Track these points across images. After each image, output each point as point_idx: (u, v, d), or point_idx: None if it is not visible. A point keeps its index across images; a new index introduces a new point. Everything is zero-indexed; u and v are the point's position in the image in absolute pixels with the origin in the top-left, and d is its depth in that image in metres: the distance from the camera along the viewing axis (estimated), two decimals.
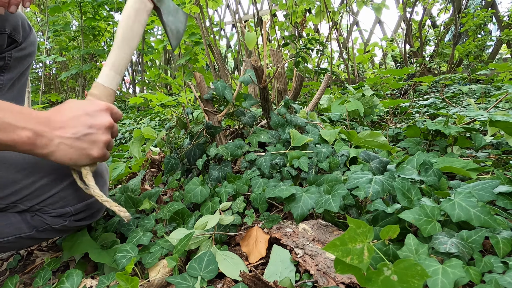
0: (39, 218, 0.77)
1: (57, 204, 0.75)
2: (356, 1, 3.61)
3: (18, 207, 0.74)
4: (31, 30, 0.98)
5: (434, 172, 0.87)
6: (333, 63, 4.32)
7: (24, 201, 0.73)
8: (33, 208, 0.74)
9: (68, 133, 0.60)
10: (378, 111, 1.94)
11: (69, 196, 0.76)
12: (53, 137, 0.59)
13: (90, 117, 0.63)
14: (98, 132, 0.64)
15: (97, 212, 0.85)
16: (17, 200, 0.72)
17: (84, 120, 0.62)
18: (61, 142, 0.60)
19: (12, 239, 0.76)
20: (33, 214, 0.76)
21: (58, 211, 0.76)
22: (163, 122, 3.05)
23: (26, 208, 0.74)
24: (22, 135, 0.55)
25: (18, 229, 0.76)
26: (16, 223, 0.75)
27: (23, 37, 0.94)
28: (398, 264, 0.43)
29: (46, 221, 0.77)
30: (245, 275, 0.63)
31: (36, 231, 0.78)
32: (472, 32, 3.72)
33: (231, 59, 5.81)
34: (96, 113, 0.64)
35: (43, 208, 0.75)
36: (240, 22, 4.36)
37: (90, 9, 4.57)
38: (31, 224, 0.77)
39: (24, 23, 0.94)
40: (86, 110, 0.63)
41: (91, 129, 0.63)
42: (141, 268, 0.80)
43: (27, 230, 0.77)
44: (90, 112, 0.64)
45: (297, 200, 0.81)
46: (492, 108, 1.66)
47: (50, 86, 6.82)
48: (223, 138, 1.19)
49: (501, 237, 0.61)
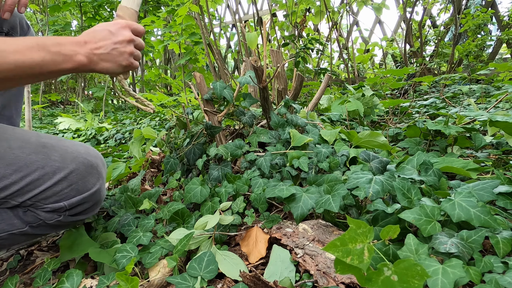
0: (32, 213, 0.75)
1: (50, 199, 0.74)
2: (356, 1, 3.61)
3: (9, 203, 0.72)
4: (29, 29, 0.98)
5: (434, 172, 0.87)
6: (333, 63, 4.32)
7: (14, 197, 0.71)
8: (25, 203, 0.73)
9: (100, 51, 0.72)
10: (378, 111, 1.95)
11: (62, 190, 0.74)
12: (93, 55, 0.71)
13: (113, 35, 0.75)
14: (121, 46, 0.75)
15: (94, 206, 0.83)
16: (7, 196, 0.71)
17: (109, 38, 0.74)
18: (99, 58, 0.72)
19: (4, 235, 0.74)
20: (26, 209, 0.75)
21: (51, 206, 0.75)
22: (163, 122, 3.05)
23: (17, 203, 0.73)
24: (79, 59, 0.68)
25: (11, 225, 0.74)
26: (8, 219, 0.74)
27: (21, 35, 0.94)
28: (398, 264, 0.43)
29: (40, 216, 0.75)
30: (245, 275, 0.63)
31: (30, 227, 0.76)
32: (472, 32, 3.72)
33: (231, 59, 5.81)
34: (117, 31, 0.75)
35: (35, 203, 0.74)
36: (240, 22, 4.36)
37: (90, 9, 4.57)
38: (24, 219, 0.75)
39: (22, 22, 0.94)
40: (109, 30, 0.75)
41: (115, 44, 0.74)
42: (141, 268, 0.80)
43: (20, 226, 0.75)
44: (113, 30, 0.75)
45: (297, 200, 0.81)
46: (492, 108, 1.66)
47: (50, 86, 6.82)
48: (223, 138, 1.19)
49: (501, 237, 0.61)
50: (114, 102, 6.67)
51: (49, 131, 3.46)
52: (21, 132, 0.74)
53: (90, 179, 0.78)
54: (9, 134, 0.72)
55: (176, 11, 3.13)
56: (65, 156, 0.75)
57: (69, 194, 0.75)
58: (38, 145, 0.73)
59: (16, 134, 0.73)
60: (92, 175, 0.78)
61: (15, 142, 0.71)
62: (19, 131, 0.75)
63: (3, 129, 0.73)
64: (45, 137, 0.76)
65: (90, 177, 0.78)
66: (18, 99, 1.04)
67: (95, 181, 0.79)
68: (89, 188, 0.78)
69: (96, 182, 0.80)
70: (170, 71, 6.01)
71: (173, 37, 3.57)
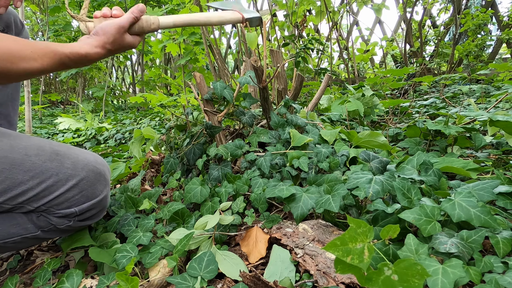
0: (44, 218, 0.77)
1: (63, 205, 0.76)
2: (356, 1, 3.61)
3: (25, 208, 0.75)
4: (24, 27, 0.99)
5: (434, 172, 0.87)
6: (333, 63, 4.32)
7: (30, 202, 0.74)
8: (39, 208, 0.75)
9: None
10: (378, 111, 1.94)
11: (74, 197, 0.77)
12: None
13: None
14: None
15: (100, 212, 0.86)
16: (24, 201, 0.73)
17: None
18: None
19: (18, 239, 0.77)
20: (39, 214, 0.77)
21: (63, 212, 0.77)
22: (163, 122, 3.05)
23: (32, 208, 0.75)
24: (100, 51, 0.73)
25: (25, 229, 0.77)
26: (22, 224, 0.76)
27: (16, 33, 0.95)
28: (399, 264, 0.43)
29: (52, 221, 0.78)
30: (245, 275, 0.63)
31: (42, 231, 0.79)
32: (472, 32, 3.72)
33: (231, 59, 5.81)
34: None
35: (49, 208, 0.76)
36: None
37: (90, 9, 4.56)
38: (37, 224, 0.78)
39: (16, 20, 0.95)
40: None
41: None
42: (141, 268, 0.80)
43: (33, 231, 0.78)
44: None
45: (297, 200, 0.81)
46: (492, 108, 1.66)
47: (50, 86, 6.83)
48: (223, 138, 1.19)
49: (501, 237, 0.61)
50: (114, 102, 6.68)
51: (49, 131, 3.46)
52: (35, 140, 0.77)
53: (99, 186, 0.81)
54: (25, 142, 0.74)
55: (176, 12, 3.13)
56: (76, 164, 0.77)
57: (80, 200, 0.78)
58: (52, 153, 0.76)
59: (31, 142, 0.75)
60: (100, 182, 0.81)
61: (31, 150, 0.73)
62: (34, 138, 0.78)
63: (19, 137, 0.75)
64: (56, 145, 0.79)
65: (98, 184, 0.81)
66: (15, 97, 1.04)
67: (102, 188, 0.82)
68: (98, 194, 0.81)
69: (103, 189, 0.83)
70: (170, 71, 6.01)
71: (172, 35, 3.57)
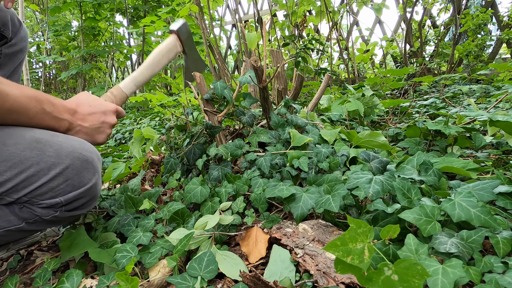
0: (28, 209, 0.74)
1: (46, 195, 0.73)
2: (356, 1, 3.61)
3: (5, 200, 0.72)
4: (21, 26, 0.97)
5: (434, 172, 0.87)
6: (333, 63, 4.32)
7: (10, 193, 0.71)
8: (21, 200, 0.72)
9: (86, 124, 0.83)
10: (378, 111, 1.94)
11: (58, 186, 0.73)
12: (77, 125, 0.82)
13: (103, 116, 0.86)
14: (105, 127, 0.87)
15: (90, 201, 0.82)
16: (2, 193, 0.70)
17: (98, 117, 0.85)
18: (80, 129, 0.83)
19: (2, 232, 0.74)
20: (21, 206, 0.74)
21: (47, 202, 0.74)
22: (163, 122, 3.05)
23: (12, 200, 0.72)
24: (63, 124, 0.79)
25: (7, 222, 0.74)
26: (4, 216, 0.73)
27: (13, 32, 0.93)
28: (399, 264, 0.43)
29: (36, 212, 0.75)
30: (245, 275, 0.63)
31: (26, 223, 0.76)
32: (472, 32, 3.72)
33: (232, 59, 5.81)
34: (107, 113, 0.87)
35: (31, 199, 0.73)
36: (240, 22, 4.36)
37: (90, 9, 4.57)
38: (20, 216, 0.74)
39: (13, 18, 0.93)
40: (101, 110, 0.86)
41: (102, 124, 0.86)
42: (141, 268, 0.80)
43: (17, 223, 0.75)
44: (105, 111, 0.87)
45: (297, 200, 0.81)
46: (492, 108, 1.66)
47: (50, 86, 6.83)
48: (223, 138, 1.19)
49: (501, 237, 0.61)
50: None
51: None
52: (15, 128, 0.73)
53: (86, 174, 0.77)
54: (3, 130, 0.71)
55: (177, 12, 3.13)
56: (60, 152, 0.73)
57: (65, 189, 0.74)
58: (32, 141, 0.71)
59: (9, 130, 0.71)
60: (88, 170, 0.77)
61: (9, 138, 0.70)
62: (14, 127, 0.73)
63: None
64: (39, 132, 0.74)
65: (86, 172, 0.77)
66: None
67: (91, 176, 0.78)
68: (85, 183, 0.77)
69: (92, 177, 0.78)
70: (170, 71, 6.00)
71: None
